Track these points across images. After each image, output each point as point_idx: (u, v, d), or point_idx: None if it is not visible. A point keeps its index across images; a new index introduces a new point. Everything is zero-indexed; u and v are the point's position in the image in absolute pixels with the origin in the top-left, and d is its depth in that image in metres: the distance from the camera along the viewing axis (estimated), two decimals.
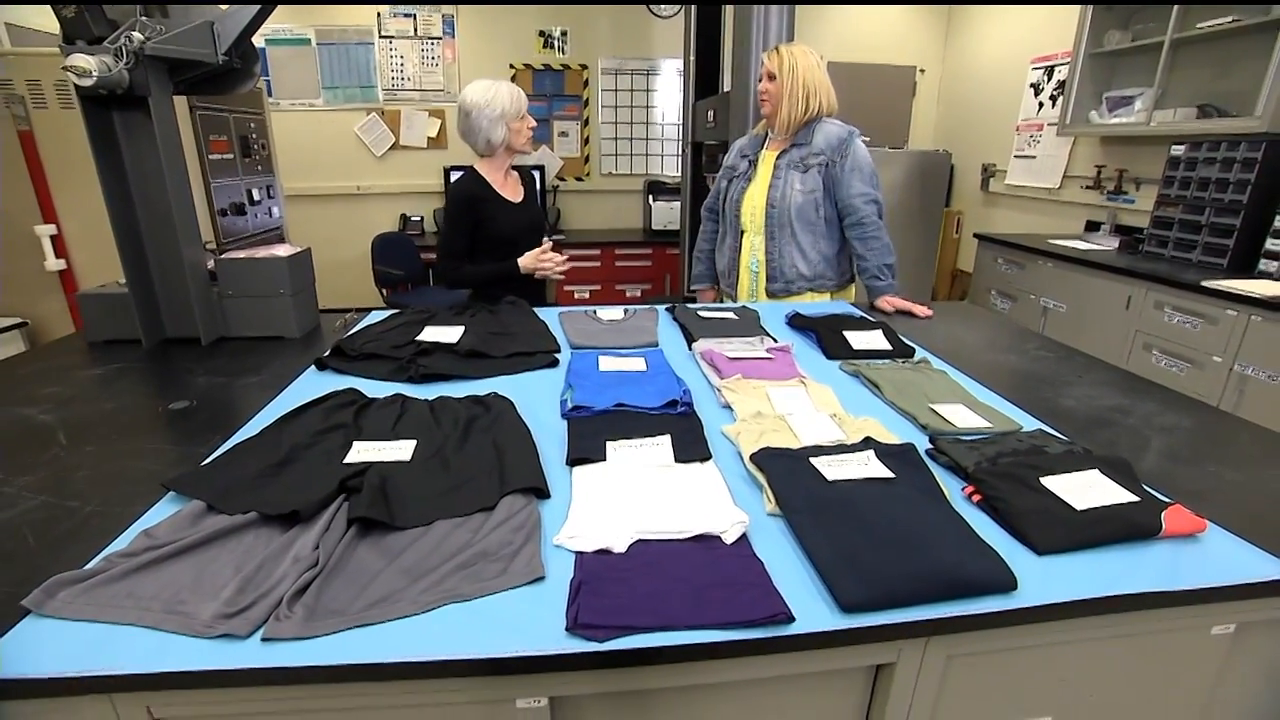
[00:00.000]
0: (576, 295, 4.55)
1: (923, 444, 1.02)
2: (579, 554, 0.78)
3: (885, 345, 1.48)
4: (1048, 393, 1.29)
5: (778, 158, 1.97)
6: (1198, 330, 2.43)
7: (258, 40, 4.44)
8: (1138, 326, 2.68)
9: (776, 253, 1.97)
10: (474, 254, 1.95)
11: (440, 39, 4.59)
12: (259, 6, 1.46)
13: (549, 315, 1.77)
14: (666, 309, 1.81)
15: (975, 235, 3.78)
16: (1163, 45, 2.91)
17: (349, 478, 0.92)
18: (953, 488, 0.91)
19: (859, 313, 1.80)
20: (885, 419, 1.12)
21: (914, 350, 1.48)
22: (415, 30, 4.57)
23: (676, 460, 0.96)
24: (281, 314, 1.65)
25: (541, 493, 0.91)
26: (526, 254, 1.94)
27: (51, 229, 2.50)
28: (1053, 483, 0.85)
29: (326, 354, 1.46)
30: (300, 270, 1.68)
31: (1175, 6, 2.83)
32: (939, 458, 0.97)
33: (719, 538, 0.78)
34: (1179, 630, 0.77)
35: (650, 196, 4.71)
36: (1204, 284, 2.40)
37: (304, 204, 4.78)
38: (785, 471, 0.88)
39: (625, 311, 1.77)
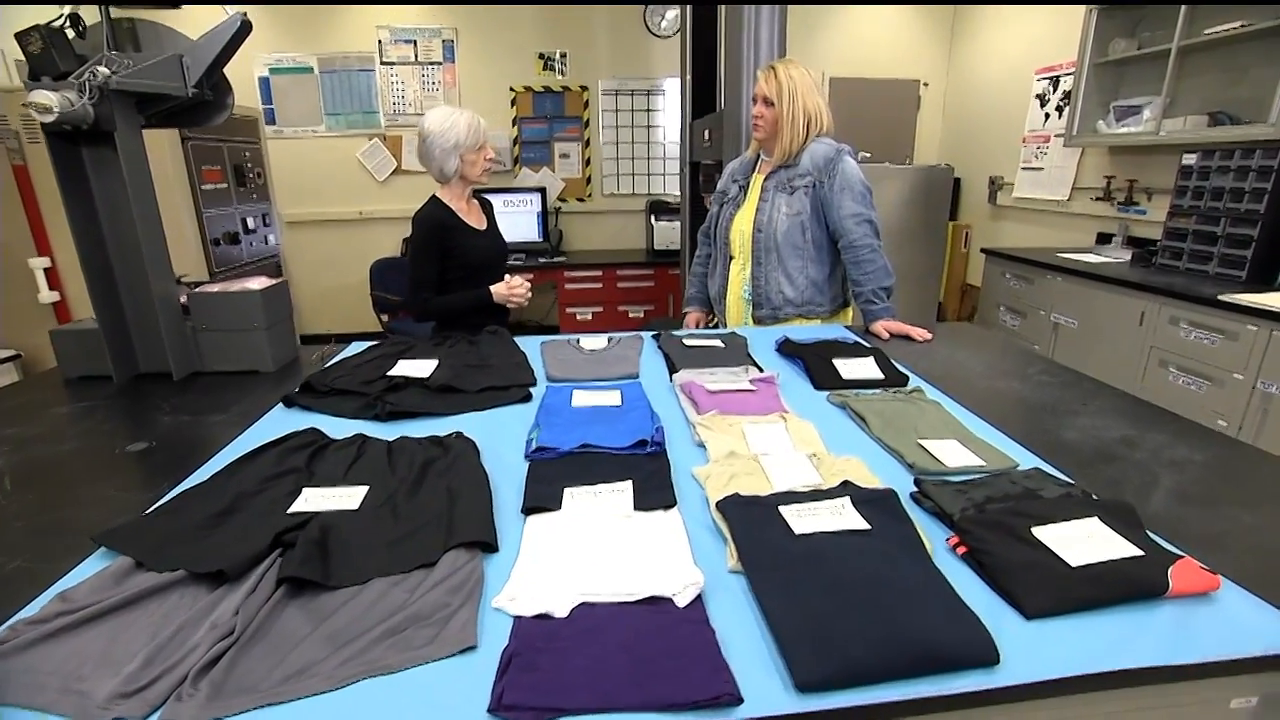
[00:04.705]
0: (579, 317, 4.51)
1: (908, 484, 0.95)
2: (517, 618, 0.71)
3: (877, 374, 1.41)
4: (1049, 423, 1.21)
5: (765, 179, 1.92)
6: (1216, 346, 2.32)
7: (261, 70, 4.53)
8: (1152, 343, 2.57)
9: (763, 278, 1.91)
10: (442, 284, 1.91)
11: (440, 64, 4.63)
12: (228, 38, 1.44)
13: (531, 344, 1.72)
14: (652, 336, 1.75)
15: (982, 250, 3.69)
16: (1170, 53, 2.83)
17: (286, 531, 0.86)
18: (937, 537, 0.83)
19: (854, 337, 1.72)
20: (870, 457, 1.04)
21: (907, 378, 1.41)
22: (416, 56, 4.61)
23: (636, 509, 0.89)
24: (256, 348, 1.62)
25: (489, 546, 0.85)
26: (498, 284, 1.90)
27: (45, 262, 2.51)
28: (1045, 533, 0.77)
29: (296, 390, 1.42)
30: (275, 303, 1.64)
31: (1181, 13, 2.75)
32: (923, 502, 0.90)
33: (671, 600, 0.71)
34: (1191, 704, 0.69)
35: (652, 216, 4.68)
36: (1221, 297, 2.30)
37: (307, 230, 4.82)
38: (750, 522, 0.81)
39: (609, 340, 1.71)
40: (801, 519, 0.81)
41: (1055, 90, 3.79)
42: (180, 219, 2.54)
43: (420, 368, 1.50)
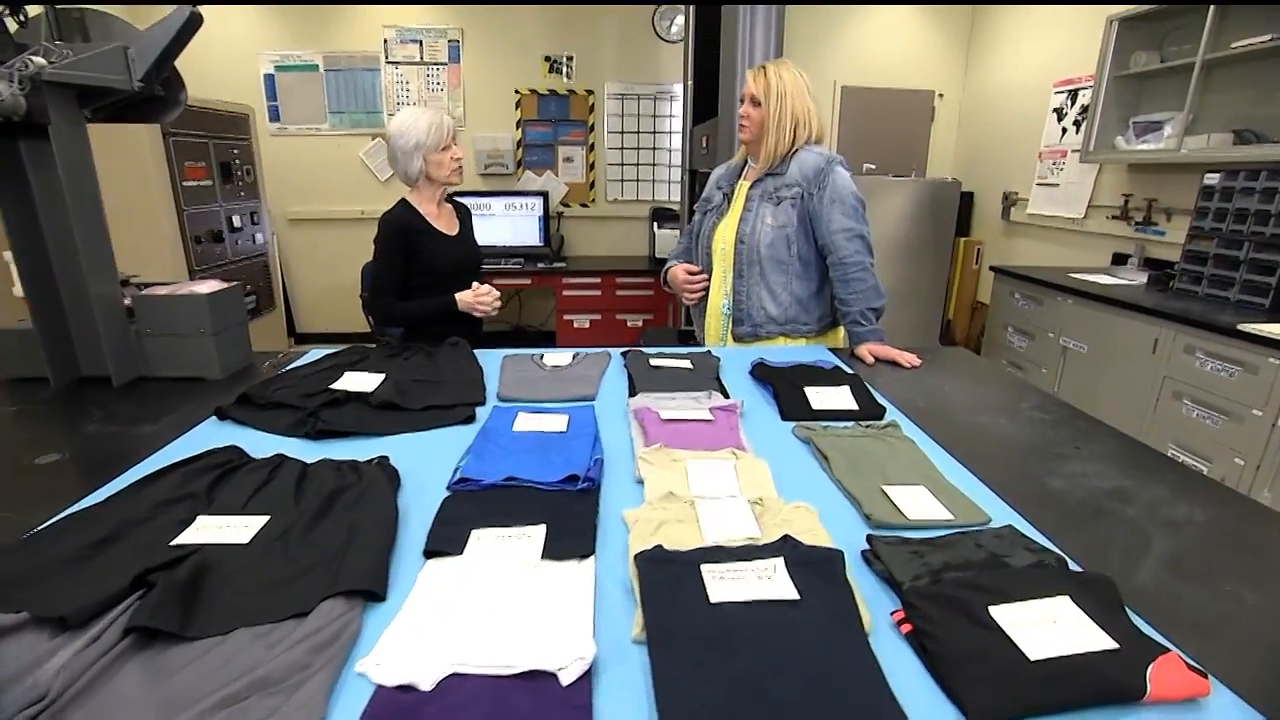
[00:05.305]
0: (576, 325, 4.43)
1: (861, 540, 0.84)
2: (377, 688, 0.62)
3: (851, 404, 1.29)
4: (1035, 469, 1.09)
5: (751, 188, 1.81)
6: (1234, 379, 2.17)
7: (267, 67, 4.52)
8: (1166, 372, 2.42)
9: (744, 293, 1.80)
10: (408, 290, 1.84)
11: (445, 65, 4.58)
12: (176, 30, 1.37)
13: (493, 358, 1.63)
14: (621, 354, 1.65)
15: (991, 268, 3.55)
16: (1194, 67, 2.68)
17: (155, 569, 0.77)
18: (884, 608, 0.72)
19: (834, 361, 1.61)
20: (826, 504, 0.93)
21: (884, 410, 1.29)
22: (421, 56, 4.57)
23: (545, 557, 0.79)
24: (202, 354, 1.54)
25: (377, 595, 0.76)
26: (465, 292, 1.81)
27: None
28: (1005, 614, 0.66)
29: (232, 402, 1.34)
30: (224, 308, 1.56)
31: (1207, 26, 2.61)
32: (874, 564, 0.79)
33: (555, 676, 0.61)
34: None
35: (655, 224, 4.59)
36: (1241, 327, 2.15)
37: (309, 228, 4.80)
38: (663, 584, 0.71)
39: (574, 356, 1.61)
40: (722, 583, 0.70)
41: (1073, 104, 3.65)
42: (158, 216, 2.49)
43: (365, 381, 1.41)
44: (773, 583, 0.71)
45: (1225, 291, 2.54)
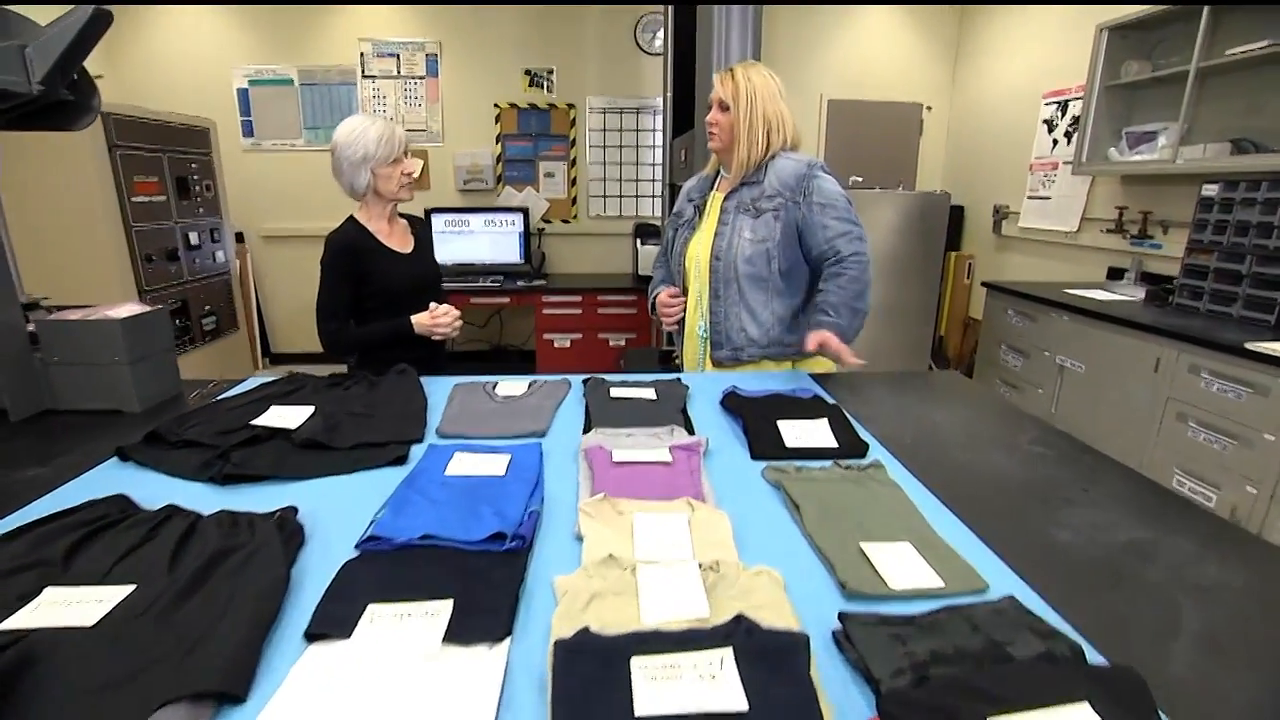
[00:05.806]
0: (556, 344, 4.29)
1: (833, 614, 0.69)
2: None
3: (829, 441, 1.16)
4: (1037, 518, 0.95)
5: (725, 200, 1.69)
6: (1243, 401, 2.05)
7: (240, 81, 4.41)
8: (1169, 393, 2.30)
9: (722, 314, 1.66)
10: (362, 313, 1.70)
11: (423, 78, 4.48)
12: (79, 29, 1.24)
13: (444, 387, 1.49)
14: (583, 381, 1.51)
15: (983, 284, 3.44)
16: (1188, 75, 2.59)
17: None
18: (857, 713, 0.58)
19: (815, 390, 1.47)
20: (794, 567, 0.79)
21: (867, 447, 1.15)
22: (398, 70, 4.47)
23: (449, 641, 0.65)
24: (117, 385, 1.39)
25: (235, 698, 0.61)
26: (421, 313, 1.68)
27: None
28: None
29: (139, 440, 1.19)
30: (144, 334, 1.42)
31: (1200, 33, 2.52)
32: (847, 649, 0.65)
33: None
34: None
35: (638, 240, 4.47)
36: (1248, 346, 2.03)
37: (283, 246, 4.67)
38: (581, 687, 0.56)
39: (530, 385, 1.47)
40: (654, 685, 0.56)
41: (1064, 115, 3.56)
42: (100, 233, 2.34)
43: (292, 416, 1.27)
44: (716, 685, 0.56)
45: (1228, 307, 2.42)
